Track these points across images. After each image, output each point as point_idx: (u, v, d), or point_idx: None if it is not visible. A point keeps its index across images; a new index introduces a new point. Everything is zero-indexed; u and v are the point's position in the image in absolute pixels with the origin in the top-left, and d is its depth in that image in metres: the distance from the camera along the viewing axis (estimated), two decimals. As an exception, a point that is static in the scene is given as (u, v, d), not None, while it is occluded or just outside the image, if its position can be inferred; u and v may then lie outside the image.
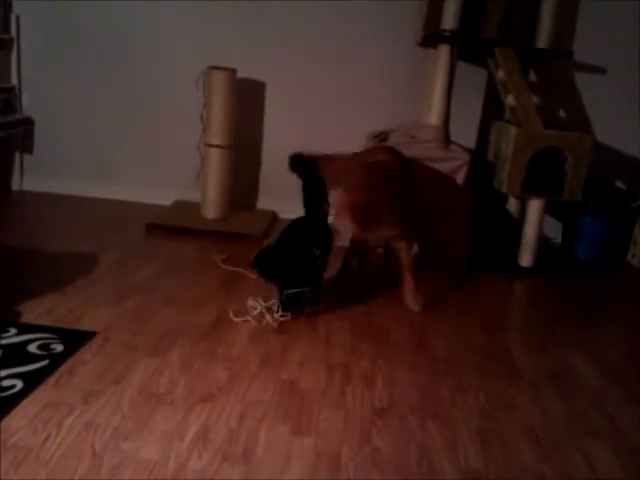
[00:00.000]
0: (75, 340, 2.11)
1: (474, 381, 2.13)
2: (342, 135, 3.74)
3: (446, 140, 3.36)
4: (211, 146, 3.52)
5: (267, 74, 3.74)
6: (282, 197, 3.83)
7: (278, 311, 2.45)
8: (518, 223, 3.39)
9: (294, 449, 1.64)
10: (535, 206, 3.24)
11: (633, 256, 3.65)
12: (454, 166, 3.18)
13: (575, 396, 2.11)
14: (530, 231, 3.27)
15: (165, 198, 3.82)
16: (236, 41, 3.68)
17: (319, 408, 1.86)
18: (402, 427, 1.81)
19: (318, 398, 1.91)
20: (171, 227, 3.43)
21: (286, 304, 2.46)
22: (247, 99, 3.73)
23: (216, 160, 3.54)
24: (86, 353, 2.05)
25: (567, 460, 1.74)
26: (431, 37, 3.38)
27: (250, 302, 2.51)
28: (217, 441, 1.66)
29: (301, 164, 2.66)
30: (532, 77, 3.56)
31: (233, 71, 3.46)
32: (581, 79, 3.66)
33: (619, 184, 3.78)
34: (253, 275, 2.82)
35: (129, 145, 3.88)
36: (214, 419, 1.76)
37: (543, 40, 3.43)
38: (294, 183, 3.80)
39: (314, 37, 3.67)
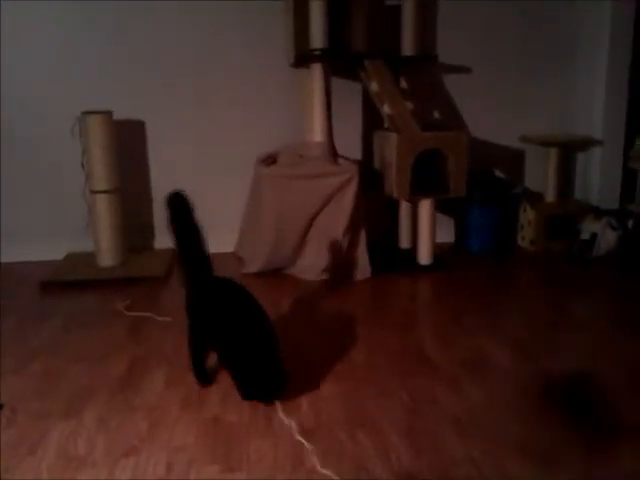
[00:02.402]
0: (-23, 418, 1.97)
1: (396, 383, 2.18)
2: (231, 163, 3.74)
3: (333, 155, 3.44)
4: (97, 192, 3.41)
5: (145, 112, 3.68)
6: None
7: None
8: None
9: (228, 487, 1.61)
10: (425, 206, 3.37)
11: (523, 239, 3.87)
12: (344, 179, 3.25)
13: (491, 380, 2.20)
14: (424, 230, 3.40)
15: (56, 253, 3.65)
16: (109, 82, 3.59)
17: (247, 441, 1.83)
18: (333, 443, 1.82)
19: (245, 431, 1.88)
20: (67, 282, 3.28)
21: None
22: (127, 139, 3.65)
23: (104, 206, 3.43)
24: (-7, 429, 1.92)
25: (493, 441, 1.81)
26: (302, 58, 3.46)
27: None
28: (147, 494, 1.60)
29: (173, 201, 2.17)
30: (403, 84, 3.71)
31: (109, 113, 3.38)
32: (449, 80, 3.86)
33: (499, 174, 4.00)
34: (160, 318, 2.76)
35: (10, 201, 3.68)
36: (140, 472, 1.69)
37: (408, 48, 3.59)
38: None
39: (190, 70, 3.66)
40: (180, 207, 2.17)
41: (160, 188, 3.76)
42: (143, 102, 3.66)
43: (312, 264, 3.34)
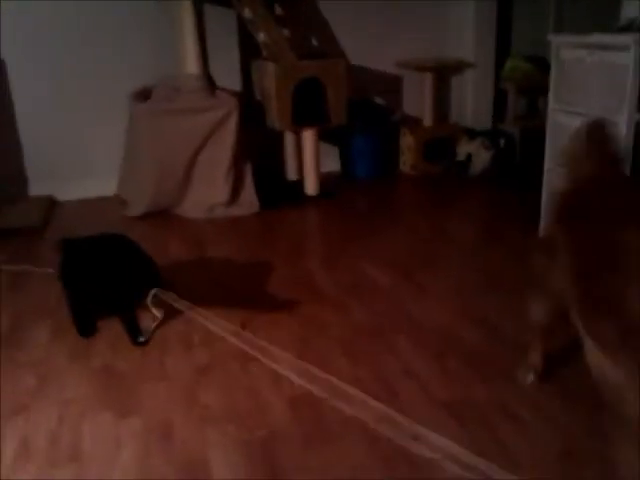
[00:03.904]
0: None
1: (286, 312, 2.23)
2: (104, 100, 3.55)
3: (211, 87, 3.34)
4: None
5: (5, 50, 3.38)
6: (56, 178, 3.59)
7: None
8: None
9: (122, 433, 1.62)
10: (309, 137, 3.38)
11: (404, 163, 3.99)
12: (222, 114, 3.18)
13: (375, 301, 2.31)
14: (309, 161, 3.42)
15: None
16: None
17: (140, 386, 1.83)
18: (226, 377, 1.86)
19: (137, 376, 1.88)
20: None
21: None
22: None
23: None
24: None
25: (378, 360, 1.92)
26: (170, -16, 3.28)
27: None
28: (40, 449, 1.58)
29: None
30: (279, 11, 3.63)
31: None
32: (324, 6, 3.80)
33: (379, 100, 4.06)
34: (40, 269, 2.64)
35: None
36: (32, 428, 1.66)
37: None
38: (68, 160, 3.58)
39: (53, 2, 3.38)
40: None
41: (30, 130, 3.54)
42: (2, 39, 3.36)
43: (198, 202, 3.30)
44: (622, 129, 2.19)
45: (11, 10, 3.32)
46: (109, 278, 2.00)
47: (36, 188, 3.62)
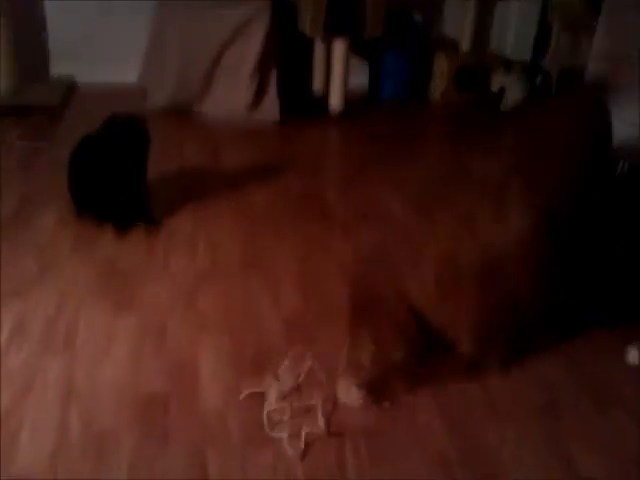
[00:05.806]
0: None
1: (292, 227, 2.21)
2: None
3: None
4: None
5: None
6: (79, 59, 3.48)
7: None
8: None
9: (117, 328, 1.65)
10: (339, 47, 3.23)
11: (434, 90, 3.82)
12: (254, 11, 3.04)
13: (383, 230, 2.26)
14: (337, 74, 3.29)
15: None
16: None
17: (141, 282, 1.84)
18: (226, 287, 1.86)
19: (140, 272, 1.89)
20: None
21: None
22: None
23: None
24: None
25: (378, 289, 1.90)
26: None
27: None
28: (35, 333, 1.61)
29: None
30: None
31: None
32: None
33: (417, 17, 3.85)
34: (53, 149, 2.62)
35: None
36: (30, 312, 1.69)
37: None
38: (93, 43, 3.47)
39: None
40: None
41: (56, 12, 3.42)
42: None
43: (220, 100, 3.21)
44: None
45: None
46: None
47: (58, 67, 3.53)
